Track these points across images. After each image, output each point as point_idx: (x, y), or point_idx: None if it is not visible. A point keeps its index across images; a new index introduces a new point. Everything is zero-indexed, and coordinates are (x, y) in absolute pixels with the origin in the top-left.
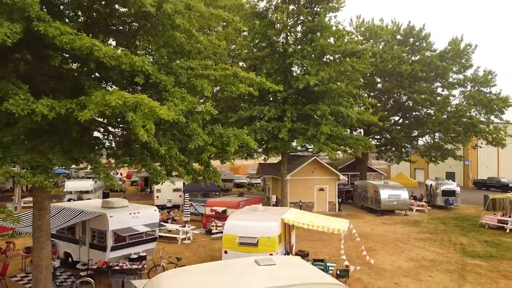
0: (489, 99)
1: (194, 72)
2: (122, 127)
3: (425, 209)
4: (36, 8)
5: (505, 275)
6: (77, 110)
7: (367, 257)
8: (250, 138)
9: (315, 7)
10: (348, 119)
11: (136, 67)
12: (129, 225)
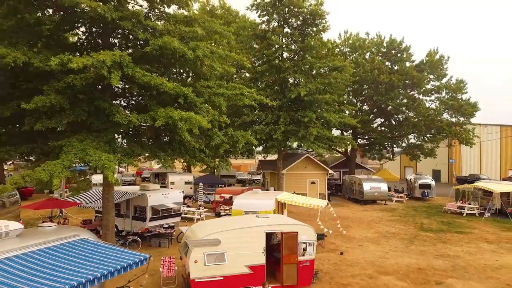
0: (460, 104)
1: (212, 90)
2: (168, 131)
3: (404, 200)
4: (127, 59)
5: (444, 241)
6: (150, 120)
7: (340, 229)
8: (252, 138)
9: (306, 29)
10: (330, 122)
11: (181, 93)
12: (162, 202)
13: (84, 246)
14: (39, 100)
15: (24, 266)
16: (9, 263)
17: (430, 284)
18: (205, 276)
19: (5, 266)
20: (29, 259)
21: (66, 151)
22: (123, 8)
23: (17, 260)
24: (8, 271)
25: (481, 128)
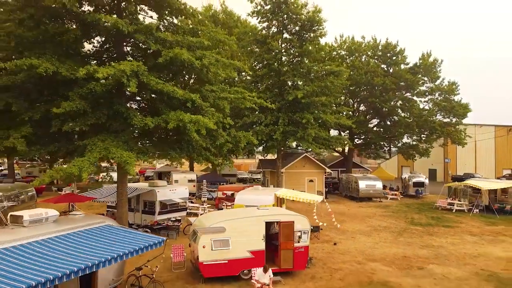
0: (452, 106)
1: (216, 94)
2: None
3: (398, 197)
4: (143, 68)
5: (431, 234)
6: (163, 123)
7: (335, 223)
8: (253, 138)
9: (304, 35)
10: (327, 123)
11: (190, 98)
12: (169, 197)
13: (109, 231)
14: (67, 105)
15: (62, 245)
16: (51, 242)
17: (413, 269)
18: (212, 259)
19: (48, 244)
20: (66, 239)
21: (91, 150)
22: (137, 21)
23: (57, 240)
24: (50, 247)
25: (476, 128)
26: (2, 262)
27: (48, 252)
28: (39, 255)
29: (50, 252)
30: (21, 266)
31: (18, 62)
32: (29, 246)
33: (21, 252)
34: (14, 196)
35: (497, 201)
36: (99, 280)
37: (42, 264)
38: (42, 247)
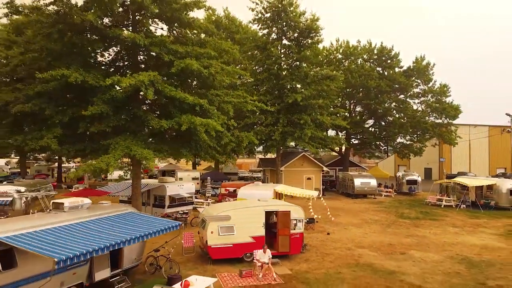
0: (443, 107)
1: (221, 98)
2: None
3: (392, 194)
4: (159, 78)
5: (417, 226)
6: (176, 125)
7: (330, 216)
8: (254, 138)
9: (302, 41)
10: (324, 124)
11: (198, 103)
12: (177, 192)
13: (132, 216)
14: (93, 109)
15: (96, 226)
16: (86, 224)
17: (396, 254)
18: (219, 243)
19: (84, 225)
20: (98, 222)
21: (114, 148)
22: (151, 34)
23: (91, 223)
24: (87, 227)
25: (471, 128)
26: (51, 237)
27: (85, 232)
28: (78, 233)
29: (86, 232)
30: (65, 241)
31: (53, 72)
32: (70, 227)
33: (64, 231)
34: (36, 190)
35: (483, 197)
36: (124, 258)
37: (82, 240)
38: (80, 227)
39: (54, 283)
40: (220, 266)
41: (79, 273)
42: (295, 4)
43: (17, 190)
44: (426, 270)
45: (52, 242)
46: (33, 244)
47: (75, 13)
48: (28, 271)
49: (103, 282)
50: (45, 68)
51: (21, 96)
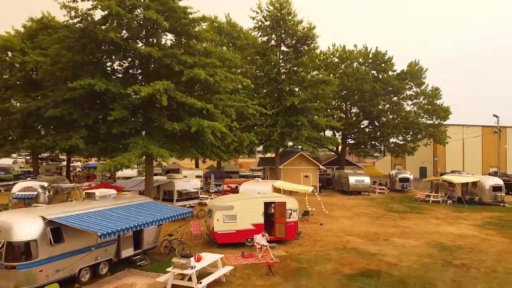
0: (434, 108)
1: (225, 102)
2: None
3: (385, 192)
4: (171, 86)
5: (403, 218)
6: (186, 127)
7: (324, 209)
8: (254, 138)
9: (299, 47)
10: (319, 125)
11: (205, 108)
12: (185, 187)
13: (150, 204)
14: (115, 114)
15: (121, 211)
16: (114, 209)
17: (379, 240)
18: (224, 230)
19: (112, 211)
20: (123, 208)
21: (133, 147)
22: (165, 47)
23: (118, 209)
24: (115, 212)
25: (464, 128)
26: (89, 219)
27: (114, 215)
28: (109, 217)
29: (115, 215)
30: (100, 222)
31: (82, 82)
32: (101, 212)
33: (98, 215)
34: (57, 186)
35: (468, 193)
36: (144, 240)
37: (112, 222)
38: (110, 212)
39: (91, 257)
40: (224, 250)
41: (109, 251)
42: (293, 13)
43: (41, 185)
44: (403, 253)
45: (90, 222)
46: (77, 223)
47: (98, 30)
48: (72, 246)
49: (127, 259)
50: (71, 77)
51: (50, 102)
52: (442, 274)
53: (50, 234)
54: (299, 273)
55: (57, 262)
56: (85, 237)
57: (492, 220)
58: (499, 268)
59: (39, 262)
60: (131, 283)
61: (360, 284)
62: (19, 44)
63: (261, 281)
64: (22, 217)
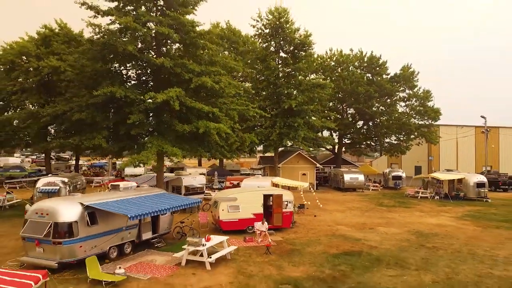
0: (426, 110)
1: (228, 106)
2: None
3: (379, 189)
4: (183, 93)
5: (390, 211)
6: (195, 129)
7: (318, 203)
8: (255, 138)
9: (297, 53)
10: (315, 126)
11: (211, 111)
12: (191, 183)
13: (165, 195)
14: (133, 117)
15: (142, 200)
16: (136, 199)
17: (365, 229)
18: (228, 218)
19: (134, 199)
20: (143, 198)
21: (150, 146)
22: (175, 57)
23: (138, 198)
24: (136, 200)
25: (458, 129)
26: (117, 205)
27: (137, 203)
28: (133, 204)
29: (138, 203)
30: (127, 207)
31: (105, 90)
32: (126, 200)
33: (123, 202)
34: (76, 181)
35: (454, 189)
36: (160, 226)
37: (136, 208)
38: (133, 201)
39: (118, 238)
40: (228, 235)
41: (132, 233)
42: (291, 21)
43: (62, 180)
44: (384, 238)
45: (119, 207)
46: (110, 207)
47: (118, 43)
48: (103, 228)
49: (146, 241)
50: (92, 84)
51: (75, 107)
52: (414, 254)
53: (87, 217)
54: (293, 253)
55: (92, 240)
56: (114, 221)
57: (471, 213)
58: (464, 249)
59: (79, 240)
60: (151, 260)
61: (343, 260)
62: (34, 50)
63: (260, 258)
64: (65, 203)
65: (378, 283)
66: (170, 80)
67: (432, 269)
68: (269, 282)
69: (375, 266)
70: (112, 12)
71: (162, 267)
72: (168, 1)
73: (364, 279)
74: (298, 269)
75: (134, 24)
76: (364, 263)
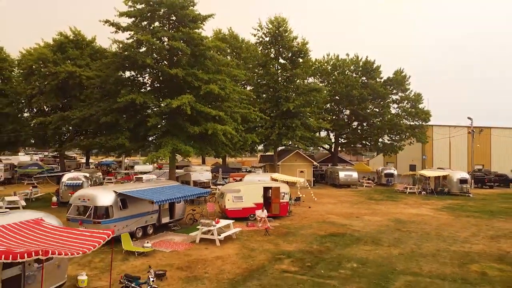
0: (416, 111)
1: (232, 109)
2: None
3: (372, 185)
4: (193, 99)
5: (378, 204)
6: (203, 130)
7: (313, 197)
8: (256, 138)
9: (295, 60)
10: (311, 127)
11: (217, 115)
12: (199, 178)
13: (180, 186)
14: (152, 121)
15: (161, 190)
16: (157, 189)
17: (352, 217)
18: (233, 207)
19: (155, 189)
20: (162, 188)
21: (165, 145)
22: (186, 67)
23: (159, 188)
24: (157, 190)
25: (451, 129)
26: (142, 193)
27: (158, 192)
28: (155, 192)
29: (158, 192)
30: (151, 195)
31: (127, 97)
32: (149, 190)
33: (147, 191)
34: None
35: (439, 185)
36: (176, 212)
37: (158, 195)
38: (155, 190)
39: (143, 221)
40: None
41: (154, 217)
42: (289, 30)
43: (85, 175)
44: (367, 224)
45: (145, 194)
46: (138, 194)
47: (138, 57)
48: (132, 212)
49: (165, 225)
50: (114, 91)
51: (100, 111)
52: (390, 235)
53: (120, 202)
54: (288, 234)
55: (124, 221)
56: (140, 206)
57: (451, 205)
58: (432, 232)
59: (114, 220)
60: (170, 238)
61: (329, 240)
62: (51, 56)
63: (260, 238)
64: (102, 191)
65: (354, 255)
66: (182, 87)
67: (401, 245)
68: (268, 254)
69: (355, 244)
70: (131, 28)
71: (180, 243)
72: (180, 18)
73: (343, 252)
74: (291, 245)
75: (153, 39)
76: (346, 241)
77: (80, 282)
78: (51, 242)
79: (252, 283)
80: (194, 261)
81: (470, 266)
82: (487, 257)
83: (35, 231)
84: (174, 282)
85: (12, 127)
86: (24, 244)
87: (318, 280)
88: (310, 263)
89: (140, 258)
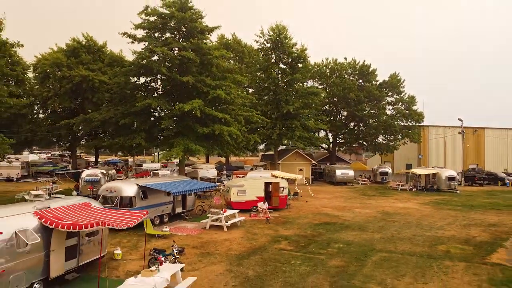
0: (410, 113)
1: (236, 112)
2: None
3: (367, 183)
4: (202, 103)
5: (370, 199)
6: (212, 131)
7: (310, 192)
8: (258, 138)
9: (294, 65)
10: (310, 127)
11: (224, 117)
12: (206, 175)
13: (190, 181)
14: (166, 123)
15: (175, 183)
16: (171, 182)
17: (345, 210)
18: (237, 200)
19: (170, 183)
20: (175, 182)
21: (177, 144)
22: (195, 75)
23: (173, 182)
24: (172, 183)
25: (446, 129)
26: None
27: (174, 185)
28: (171, 185)
29: (173, 185)
30: (167, 188)
31: (144, 102)
32: (164, 183)
33: (163, 185)
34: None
35: (429, 182)
36: (187, 203)
37: (174, 188)
38: (170, 183)
39: (160, 210)
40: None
41: (169, 207)
42: (289, 37)
43: (102, 172)
44: (357, 216)
45: (163, 187)
46: (157, 187)
47: (154, 66)
48: (151, 202)
49: (178, 215)
50: (130, 96)
51: (118, 114)
52: (375, 224)
53: (141, 193)
54: (286, 223)
55: (144, 210)
56: (158, 197)
57: (437, 200)
58: (413, 222)
59: (137, 208)
60: (184, 226)
61: (321, 227)
62: (65, 60)
63: (262, 225)
64: (127, 184)
65: (342, 238)
66: (190, 91)
67: (383, 232)
68: (268, 237)
69: (343, 230)
70: (146, 39)
71: (193, 229)
72: (189, 29)
73: (333, 236)
74: (289, 231)
75: (167, 51)
76: (336, 228)
77: (116, 255)
78: (101, 219)
79: (255, 257)
80: (206, 242)
81: (438, 246)
82: (455, 240)
83: (86, 211)
84: (192, 257)
85: (29, 127)
86: (83, 219)
87: (309, 256)
88: (303, 244)
89: (160, 240)
